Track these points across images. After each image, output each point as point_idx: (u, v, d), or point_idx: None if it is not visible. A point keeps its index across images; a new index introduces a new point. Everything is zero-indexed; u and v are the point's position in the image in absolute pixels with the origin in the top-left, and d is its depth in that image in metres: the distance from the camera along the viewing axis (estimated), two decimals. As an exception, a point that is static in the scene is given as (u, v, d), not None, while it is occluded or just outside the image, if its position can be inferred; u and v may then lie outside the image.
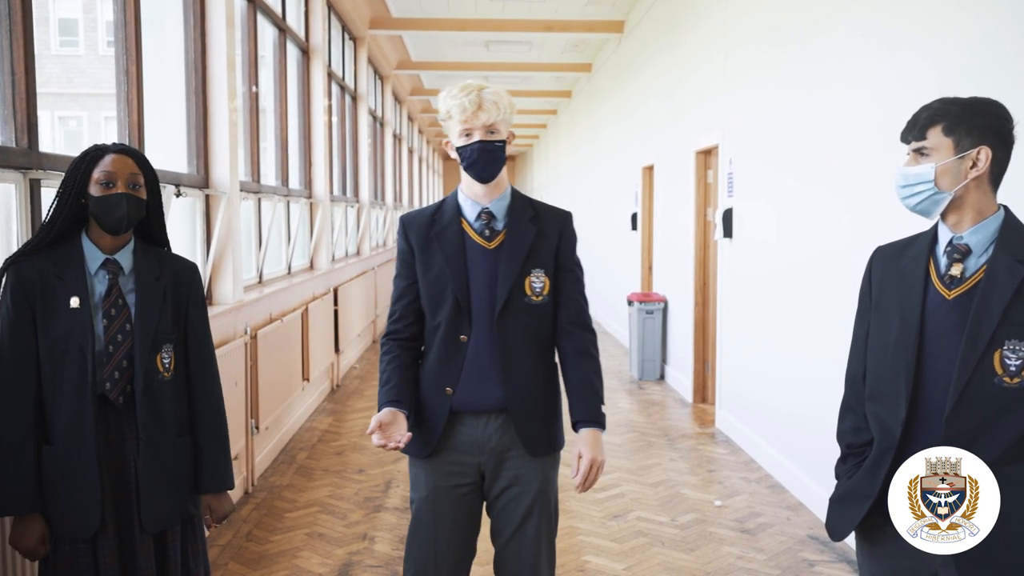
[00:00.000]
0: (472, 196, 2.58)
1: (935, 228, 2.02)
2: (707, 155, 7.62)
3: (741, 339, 6.43)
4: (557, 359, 2.66)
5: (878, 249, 2.14)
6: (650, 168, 9.94)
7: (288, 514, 4.97)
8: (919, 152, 1.97)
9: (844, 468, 2.16)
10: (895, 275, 2.03)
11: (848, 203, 4.61)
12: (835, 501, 2.14)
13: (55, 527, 2.35)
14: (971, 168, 1.91)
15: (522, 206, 2.60)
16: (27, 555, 2.35)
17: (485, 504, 2.66)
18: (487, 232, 2.54)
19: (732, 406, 6.63)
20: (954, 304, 1.92)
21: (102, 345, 2.35)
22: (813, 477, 5.02)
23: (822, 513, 4.83)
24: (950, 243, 1.97)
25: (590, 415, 2.53)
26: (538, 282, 2.53)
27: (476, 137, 2.49)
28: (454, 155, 2.56)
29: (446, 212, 2.59)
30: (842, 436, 2.19)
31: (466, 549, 2.65)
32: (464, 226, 2.56)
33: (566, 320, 2.60)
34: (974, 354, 1.85)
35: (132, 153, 2.45)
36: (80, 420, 2.31)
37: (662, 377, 8.93)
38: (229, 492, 2.66)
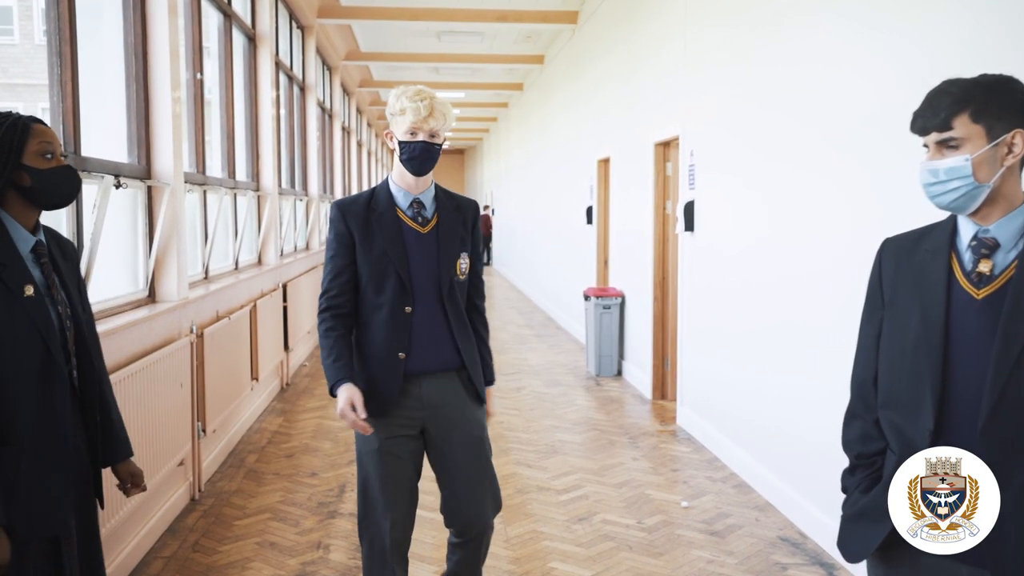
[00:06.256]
0: (404, 187, 2.95)
1: (953, 220, 1.86)
2: (666, 147, 7.49)
3: (703, 335, 6.31)
4: None
5: (887, 242, 1.97)
6: (606, 161, 9.80)
7: (237, 522, 4.72)
8: (945, 144, 1.78)
9: (854, 480, 1.99)
10: (910, 271, 1.86)
11: (816, 196, 4.50)
12: (850, 519, 1.96)
13: (19, 529, 2.13)
14: (1007, 155, 1.76)
15: (446, 197, 3.02)
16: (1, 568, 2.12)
17: (428, 454, 3.02)
18: (419, 219, 2.94)
19: (694, 403, 6.51)
20: (984, 304, 1.75)
21: (59, 335, 2.24)
22: (780, 476, 4.91)
23: (791, 513, 4.72)
24: (975, 237, 1.80)
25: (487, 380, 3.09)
26: (464, 263, 2.97)
27: (421, 137, 2.84)
28: (393, 146, 2.91)
29: (380, 200, 2.94)
30: (849, 446, 2.01)
31: (413, 492, 3.00)
32: (399, 213, 2.93)
33: (476, 296, 3.09)
34: (1008, 359, 1.69)
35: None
36: (53, 414, 2.18)
37: (619, 373, 8.80)
38: None
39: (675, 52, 6.87)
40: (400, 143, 2.86)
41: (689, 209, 6.48)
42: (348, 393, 2.76)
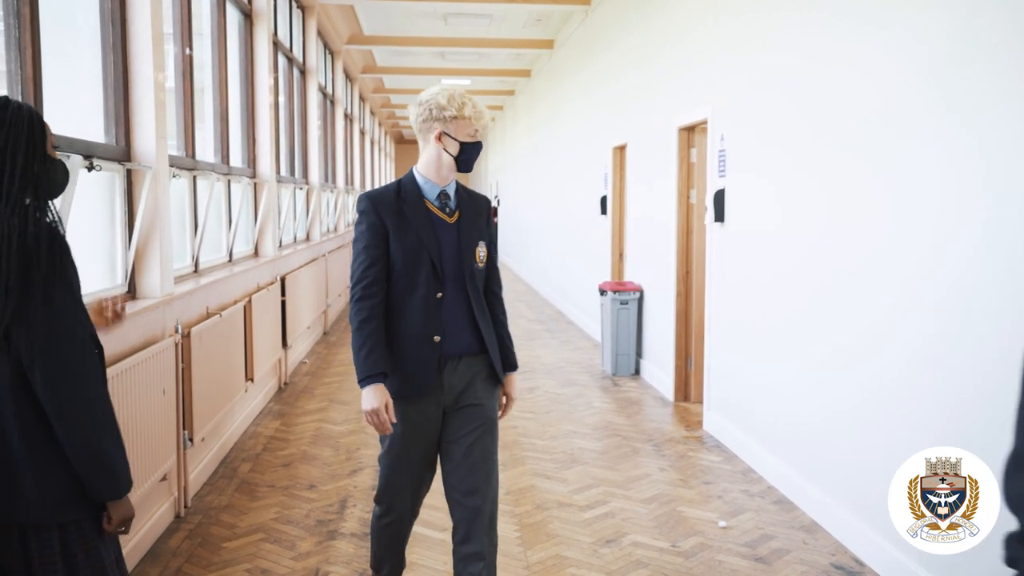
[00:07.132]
0: (432, 179, 3.08)
1: None
2: (690, 132, 6.99)
3: (734, 334, 5.82)
4: None
5: None
6: (622, 148, 9.29)
7: (226, 544, 4.24)
8: None
9: None
10: None
11: (863, 181, 4.00)
12: None
13: None
14: None
15: (464, 191, 3.19)
16: (127, 526, 2.26)
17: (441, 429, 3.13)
18: (447, 209, 3.09)
19: (722, 406, 6.02)
20: None
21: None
22: (828, 492, 4.43)
23: (843, 535, 4.24)
24: None
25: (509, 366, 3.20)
26: (482, 251, 3.12)
27: (479, 138, 3.07)
28: (450, 146, 3.02)
29: (408, 192, 3.07)
30: (1021, 505, 1.49)
31: (431, 461, 3.16)
32: (427, 204, 3.07)
33: (493, 284, 3.21)
34: None
35: None
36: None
37: (637, 372, 8.30)
38: None
39: (704, 30, 6.36)
40: (463, 144, 3.02)
41: (719, 198, 5.98)
42: (384, 396, 2.93)
